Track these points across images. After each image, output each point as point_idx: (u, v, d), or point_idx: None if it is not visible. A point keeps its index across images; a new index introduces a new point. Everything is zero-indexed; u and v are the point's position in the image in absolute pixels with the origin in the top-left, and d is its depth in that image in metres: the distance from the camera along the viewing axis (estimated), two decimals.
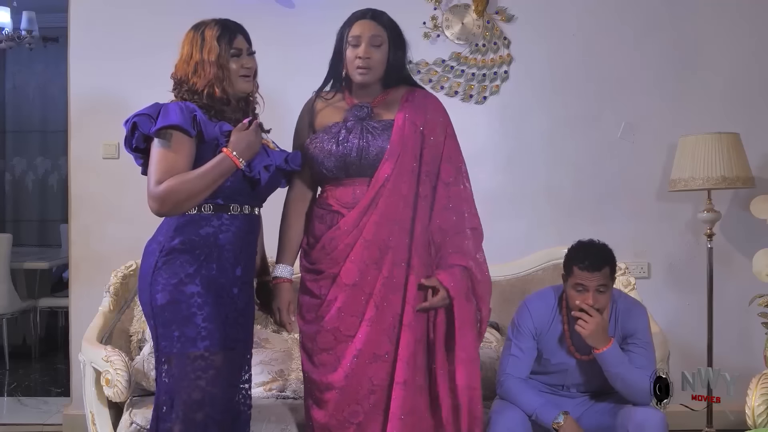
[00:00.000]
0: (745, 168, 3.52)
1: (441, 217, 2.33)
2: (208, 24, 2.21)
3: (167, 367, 2.12)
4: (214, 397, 2.11)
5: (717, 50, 3.85)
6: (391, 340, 2.27)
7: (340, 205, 2.31)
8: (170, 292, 2.10)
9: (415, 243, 2.30)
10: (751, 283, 3.38)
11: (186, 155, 2.09)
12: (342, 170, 2.31)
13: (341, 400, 2.27)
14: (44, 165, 7.64)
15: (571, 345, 2.58)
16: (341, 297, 2.28)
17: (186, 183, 2.07)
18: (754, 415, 2.61)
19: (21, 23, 5.99)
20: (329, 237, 2.30)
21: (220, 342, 2.12)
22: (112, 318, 3.05)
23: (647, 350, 2.57)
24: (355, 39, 2.28)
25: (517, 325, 2.64)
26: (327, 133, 2.33)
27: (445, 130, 2.38)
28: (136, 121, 2.09)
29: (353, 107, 2.34)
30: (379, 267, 2.28)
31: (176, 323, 2.10)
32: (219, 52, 2.16)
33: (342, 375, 2.26)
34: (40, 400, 4.50)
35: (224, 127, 2.16)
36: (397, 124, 2.32)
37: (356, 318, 2.27)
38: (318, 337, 2.31)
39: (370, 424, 2.27)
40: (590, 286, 2.48)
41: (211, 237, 2.14)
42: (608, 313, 2.56)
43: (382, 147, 2.29)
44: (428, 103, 2.39)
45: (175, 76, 2.23)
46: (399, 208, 2.29)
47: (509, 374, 2.59)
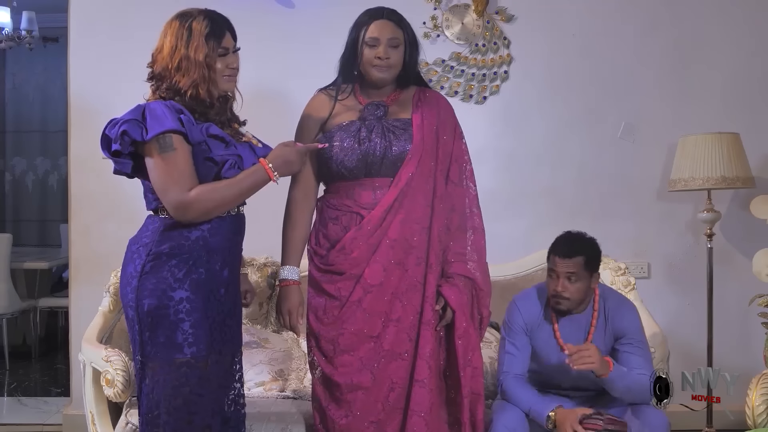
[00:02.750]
0: (745, 168, 3.52)
1: (447, 217, 2.35)
2: (195, 16, 2.08)
3: (152, 373, 2.07)
4: (203, 402, 2.08)
5: (717, 50, 3.85)
6: (410, 339, 2.28)
7: (359, 206, 2.30)
8: (158, 298, 2.04)
9: (432, 241, 2.31)
10: (751, 283, 3.38)
11: (188, 154, 2.03)
12: (362, 169, 2.29)
13: (367, 400, 2.27)
14: (44, 165, 7.64)
15: (561, 341, 2.60)
16: (367, 298, 2.27)
17: (217, 191, 2.04)
18: (754, 415, 2.61)
19: (21, 23, 5.99)
20: (351, 238, 2.28)
21: (208, 347, 2.07)
22: (112, 318, 3.05)
23: (642, 349, 2.58)
24: (373, 40, 2.27)
25: (508, 323, 2.67)
26: (345, 131, 2.30)
27: (455, 130, 2.41)
28: (125, 129, 1.99)
29: (369, 105, 2.33)
30: (402, 266, 2.28)
31: (163, 329, 2.04)
32: (207, 52, 2.05)
33: (369, 376, 2.27)
34: (40, 400, 4.50)
35: (211, 130, 2.08)
36: (416, 124, 2.32)
37: (380, 318, 2.27)
38: (340, 339, 2.28)
39: (388, 423, 2.28)
40: (560, 272, 2.54)
41: (201, 240, 2.08)
42: (596, 308, 2.60)
43: (405, 146, 2.29)
44: (440, 104, 2.41)
45: (153, 67, 2.11)
46: (420, 207, 2.30)
47: (506, 372, 2.61)
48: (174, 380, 2.05)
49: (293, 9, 3.81)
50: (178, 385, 2.05)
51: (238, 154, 2.11)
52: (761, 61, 3.86)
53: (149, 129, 2.00)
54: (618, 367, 2.49)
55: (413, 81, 2.41)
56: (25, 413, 4.27)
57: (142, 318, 2.06)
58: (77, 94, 3.82)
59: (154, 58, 2.12)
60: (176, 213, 2.04)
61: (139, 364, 2.11)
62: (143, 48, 2.18)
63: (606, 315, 2.61)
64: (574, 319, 2.62)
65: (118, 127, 2.02)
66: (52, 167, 7.63)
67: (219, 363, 2.14)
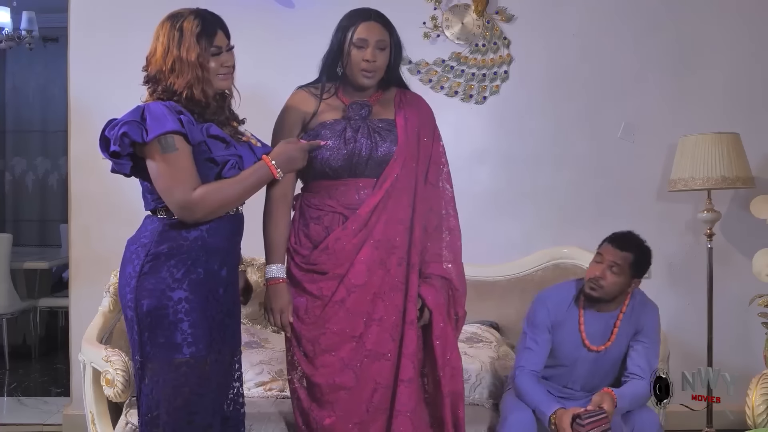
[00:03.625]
0: (745, 168, 3.52)
1: (426, 217, 2.35)
2: (185, 16, 2.06)
3: (151, 373, 2.07)
4: (203, 402, 2.08)
5: (717, 50, 3.85)
6: (394, 339, 2.28)
7: (342, 206, 2.29)
8: (157, 298, 2.03)
9: (414, 241, 2.32)
10: (751, 283, 3.38)
11: (190, 153, 2.03)
12: (347, 170, 2.29)
13: (350, 400, 2.27)
14: (44, 165, 7.64)
15: (585, 338, 2.63)
16: (351, 297, 2.26)
17: (222, 190, 2.04)
18: (754, 415, 2.61)
19: (21, 23, 6.00)
20: (335, 237, 2.27)
21: (207, 347, 2.07)
22: (112, 318, 3.04)
23: (649, 350, 2.60)
24: (361, 41, 2.26)
25: (532, 318, 2.70)
26: (329, 130, 2.29)
27: (434, 132, 2.42)
28: (126, 131, 1.99)
29: (353, 105, 2.33)
30: (385, 266, 2.29)
31: (162, 329, 2.04)
32: (199, 51, 2.04)
33: (351, 375, 2.26)
34: (40, 400, 4.50)
35: (211, 130, 2.08)
36: (400, 125, 2.33)
37: (362, 318, 2.27)
38: (321, 339, 2.28)
39: (372, 424, 2.28)
40: (606, 259, 2.59)
41: (200, 240, 2.08)
42: (624, 311, 2.64)
43: (390, 147, 2.29)
44: (420, 105, 2.41)
45: (148, 70, 2.10)
46: (404, 208, 2.31)
47: (522, 367, 2.64)
48: (173, 380, 2.05)
49: (293, 9, 3.81)
50: (177, 385, 2.05)
51: (239, 155, 2.11)
52: (761, 62, 3.86)
53: (149, 130, 1.99)
54: (621, 399, 2.49)
55: (394, 83, 2.41)
56: (25, 413, 4.27)
57: (141, 318, 2.06)
58: (77, 94, 3.82)
59: (148, 61, 2.11)
60: (182, 213, 2.04)
61: (139, 364, 2.11)
62: (143, 48, 2.18)
63: (632, 308, 2.65)
64: (601, 318, 2.65)
65: (117, 128, 2.01)
66: (52, 167, 7.62)
67: (218, 363, 2.13)
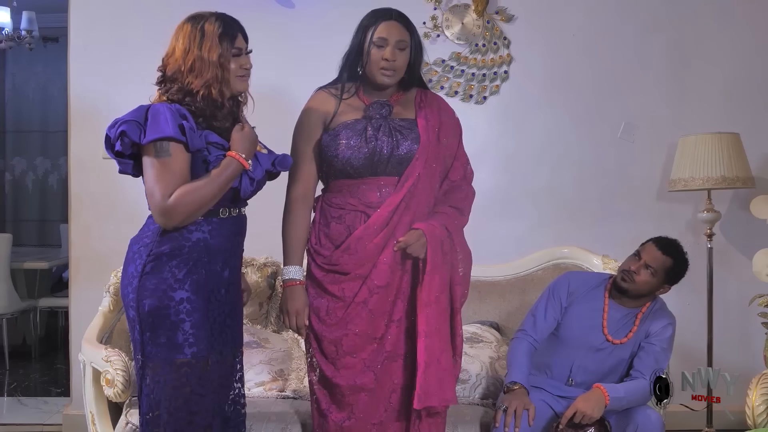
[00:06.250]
0: (745, 168, 3.52)
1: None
2: (207, 18, 2.09)
3: (152, 373, 2.07)
4: (204, 402, 2.08)
5: (717, 50, 3.85)
6: (411, 340, 2.28)
7: (364, 205, 2.28)
8: (159, 298, 2.04)
9: None
10: (751, 283, 3.38)
11: (184, 161, 2.02)
12: (368, 168, 2.27)
13: (369, 401, 2.26)
14: (44, 165, 7.64)
15: (605, 325, 2.65)
16: (373, 299, 2.25)
17: (195, 192, 2.01)
18: (754, 415, 2.61)
19: (21, 23, 5.99)
20: (356, 237, 2.26)
21: (208, 347, 2.08)
22: (112, 318, 3.04)
23: (655, 354, 2.60)
24: (381, 40, 2.25)
25: (551, 288, 2.76)
26: (350, 129, 2.28)
27: (457, 132, 2.41)
28: (124, 129, 1.99)
29: (374, 104, 2.32)
30: (404, 266, 2.28)
31: (164, 329, 2.04)
32: (221, 52, 2.05)
33: (372, 377, 2.26)
34: (40, 400, 4.50)
35: (210, 137, 2.07)
36: (421, 124, 2.32)
37: (384, 319, 2.27)
38: (344, 340, 2.26)
39: (390, 425, 2.28)
40: (645, 258, 2.64)
41: (202, 242, 2.08)
42: (644, 311, 2.69)
43: (412, 146, 2.28)
44: (441, 106, 2.41)
45: (164, 71, 2.10)
46: (425, 208, 2.31)
47: (524, 331, 2.71)
48: (175, 380, 2.05)
49: (293, 9, 3.81)
50: (178, 386, 2.06)
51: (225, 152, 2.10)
52: (761, 61, 3.86)
53: (147, 133, 1.99)
54: (613, 397, 2.49)
55: (416, 83, 2.41)
56: (25, 413, 4.27)
57: (142, 318, 2.06)
58: (77, 94, 3.82)
59: (165, 61, 2.11)
60: (160, 220, 2.03)
61: (140, 364, 2.11)
62: (143, 48, 2.19)
63: (647, 318, 2.68)
64: (624, 313, 2.67)
65: (117, 127, 2.02)
66: (52, 167, 7.63)
67: (220, 363, 2.14)
